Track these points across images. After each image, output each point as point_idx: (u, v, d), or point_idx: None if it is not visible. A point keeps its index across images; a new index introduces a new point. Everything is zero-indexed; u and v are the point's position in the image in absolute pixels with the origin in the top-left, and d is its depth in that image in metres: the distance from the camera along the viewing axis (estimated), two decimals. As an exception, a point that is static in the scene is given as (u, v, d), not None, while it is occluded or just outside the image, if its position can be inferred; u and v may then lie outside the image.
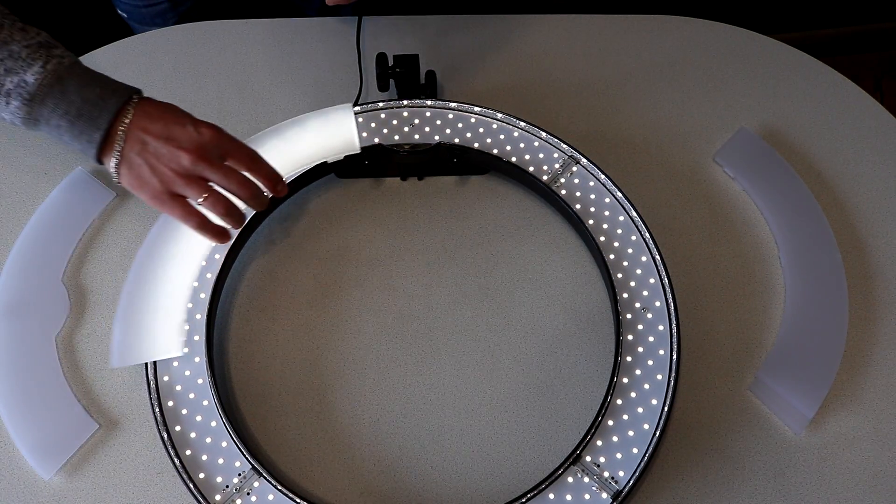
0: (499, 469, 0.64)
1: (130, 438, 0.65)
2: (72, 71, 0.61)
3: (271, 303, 0.71)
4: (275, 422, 0.66)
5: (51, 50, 0.62)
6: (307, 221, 0.75)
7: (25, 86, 0.60)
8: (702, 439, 0.65)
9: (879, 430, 0.65)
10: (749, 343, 0.69)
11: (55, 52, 0.62)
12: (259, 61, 0.85)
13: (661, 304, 0.67)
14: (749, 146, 0.79)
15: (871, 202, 0.77)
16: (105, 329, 0.69)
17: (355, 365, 0.68)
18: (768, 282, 0.72)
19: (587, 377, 0.67)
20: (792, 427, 0.65)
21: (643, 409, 0.63)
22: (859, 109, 0.83)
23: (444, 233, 0.75)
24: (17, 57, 0.60)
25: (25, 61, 0.60)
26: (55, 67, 0.61)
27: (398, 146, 0.75)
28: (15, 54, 0.60)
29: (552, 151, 0.75)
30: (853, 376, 0.67)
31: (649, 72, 0.85)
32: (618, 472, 0.60)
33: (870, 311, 0.71)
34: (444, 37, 0.87)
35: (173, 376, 0.64)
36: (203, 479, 0.60)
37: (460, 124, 0.77)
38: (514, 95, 0.83)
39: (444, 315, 0.70)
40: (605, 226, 0.71)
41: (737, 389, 0.67)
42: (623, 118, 0.82)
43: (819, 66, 0.86)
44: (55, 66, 0.61)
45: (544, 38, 0.88)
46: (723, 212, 0.76)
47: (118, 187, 0.71)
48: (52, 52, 0.62)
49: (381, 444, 0.65)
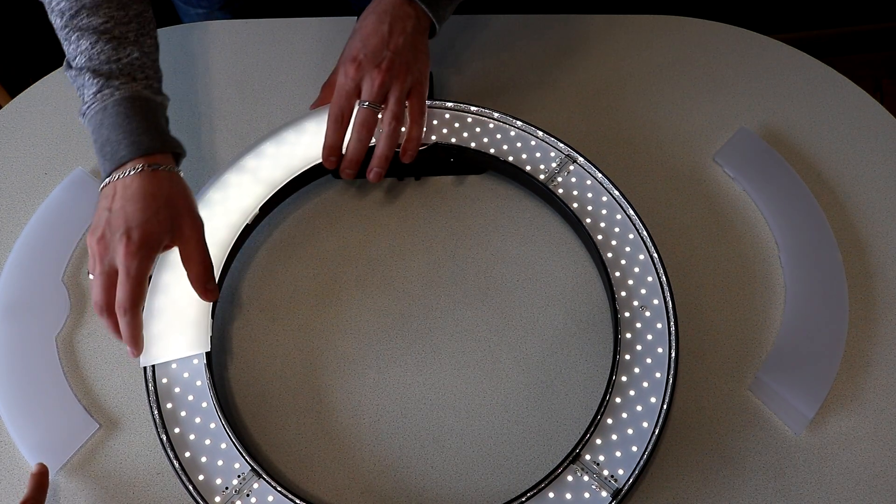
0: (499, 468, 0.64)
1: (130, 440, 0.65)
2: (114, 107, 0.63)
3: (271, 303, 0.71)
4: (274, 422, 0.66)
5: (111, 80, 0.64)
6: (307, 221, 0.76)
7: (83, 98, 0.65)
8: (701, 439, 0.65)
9: (879, 430, 0.65)
10: (749, 343, 0.69)
11: (113, 83, 0.64)
12: (259, 61, 0.85)
13: (660, 302, 0.67)
14: (749, 146, 0.79)
15: (871, 202, 0.77)
16: (105, 329, 0.69)
17: (355, 365, 0.68)
18: (768, 282, 0.72)
19: (586, 376, 0.67)
20: (792, 427, 0.65)
21: (642, 407, 0.63)
22: (859, 109, 0.83)
23: (442, 232, 0.75)
24: (93, 71, 0.64)
25: (92, 79, 0.64)
26: (102, 99, 0.63)
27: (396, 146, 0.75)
28: (94, 67, 0.64)
29: (549, 150, 0.75)
30: (853, 376, 0.67)
31: (649, 72, 0.85)
32: (617, 470, 0.60)
33: (870, 311, 0.71)
34: (442, 37, 0.87)
35: (172, 378, 0.64)
36: (202, 480, 0.60)
37: (457, 124, 0.77)
38: (513, 95, 0.83)
39: (444, 314, 0.70)
40: (602, 224, 0.71)
41: (737, 389, 0.67)
42: (623, 118, 0.82)
43: (819, 66, 0.86)
44: (103, 97, 0.63)
45: (544, 38, 0.88)
46: (722, 212, 0.76)
47: None
48: (111, 82, 0.64)
49: (381, 444, 0.65)
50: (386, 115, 0.71)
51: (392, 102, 0.71)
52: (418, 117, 0.72)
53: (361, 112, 0.70)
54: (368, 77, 0.70)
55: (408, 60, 0.71)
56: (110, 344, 0.69)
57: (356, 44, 0.71)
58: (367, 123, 0.70)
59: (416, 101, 0.72)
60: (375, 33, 0.70)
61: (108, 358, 0.68)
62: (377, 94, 0.70)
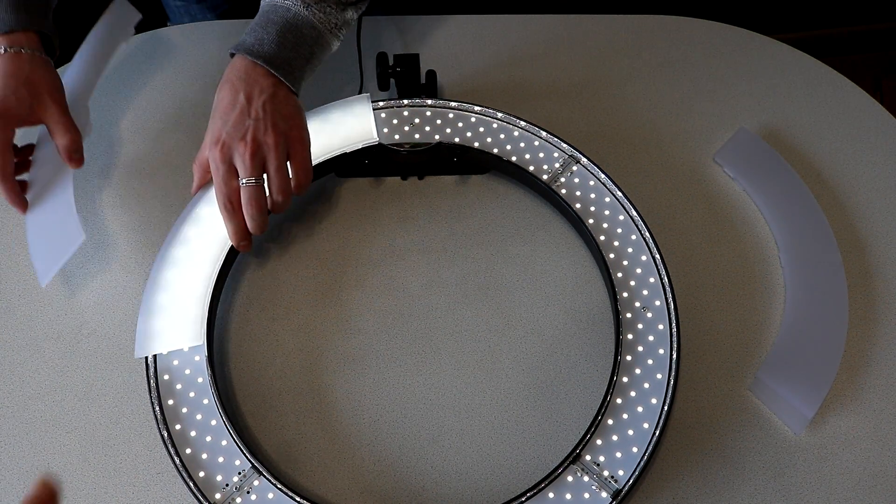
0: (499, 468, 0.64)
1: (131, 437, 0.65)
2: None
3: (271, 303, 0.71)
4: (275, 421, 0.66)
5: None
6: (307, 221, 0.76)
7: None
8: (701, 439, 0.65)
9: (879, 430, 0.65)
10: (749, 343, 0.69)
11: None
12: (259, 61, 0.85)
13: (661, 303, 0.67)
14: (749, 146, 0.79)
15: (871, 202, 0.77)
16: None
17: (355, 365, 0.68)
18: (768, 282, 0.72)
19: (587, 376, 0.67)
20: (792, 427, 0.65)
21: (643, 408, 0.63)
22: (859, 109, 0.83)
23: (445, 232, 0.75)
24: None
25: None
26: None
27: (398, 145, 0.75)
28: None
29: (552, 151, 0.75)
30: (853, 376, 0.67)
31: (649, 72, 0.85)
32: (617, 471, 0.60)
33: (870, 311, 0.71)
34: (444, 37, 0.87)
35: (173, 375, 0.64)
36: (203, 477, 0.60)
37: (460, 124, 0.77)
38: (515, 95, 0.83)
39: (444, 314, 0.70)
40: (605, 225, 0.72)
41: (737, 389, 0.67)
42: (623, 118, 0.82)
43: (819, 66, 0.86)
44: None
45: (544, 38, 0.88)
46: (723, 212, 0.76)
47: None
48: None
49: (381, 443, 0.65)
50: (273, 190, 0.66)
51: (272, 173, 0.66)
52: (303, 178, 0.68)
53: (246, 191, 0.65)
54: (237, 154, 0.65)
55: (274, 122, 0.66)
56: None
57: (217, 123, 0.66)
58: (255, 200, 0.65)
59: (297, 161, 0.67)
60: (233, 106, 0.66)
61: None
62: (252, 168, 0.65)
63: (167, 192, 0.77)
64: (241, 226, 0.66)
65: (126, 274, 0.73)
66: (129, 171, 0.79)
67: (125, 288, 0.72)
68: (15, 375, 0.68)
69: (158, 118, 0.82)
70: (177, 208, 0.72)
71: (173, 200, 0.76)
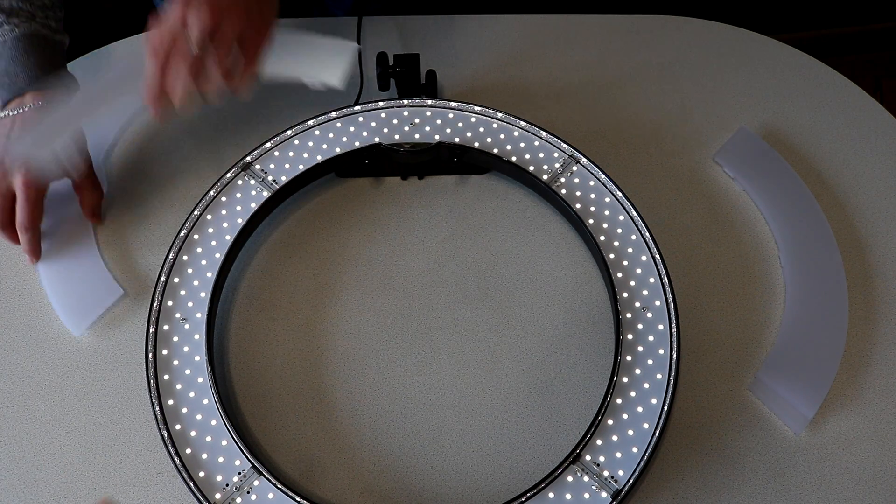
0: (499, 468, 0.64)
1: (131, 437, 0.65)
2: (14, 42, 0.70)
3: (271, 303, 0.71)
4: (275, 421, 0.66)
5: (10, 17, 0.70)
6: (307, 221, 0.76)
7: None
8: (701, 439, 0.65)
9: (879, 430, 0.65)
10: (749, 343, 0.69)
11: (13, 20, 0.70)
12: (259, 61, 0.85)
13: (661, 303, 0.67)
14: (749, 146, 0.79)
15: (871, 202, 0.77)
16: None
17: (355, 365, 0.68)
18: (768, 282, 0.72)
19: (587, 376, 0.67)
20: (792, 427, 0.65)
21: (643, 408, 0.63)
22: (859, 109, 0.83)
23: (445, 232, 0.75)
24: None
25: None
26: (2, 35, 0.70)
27: (398, 145, 0.75)
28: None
29: (552, 151, 0.75)
30: (853, 376, 0.67)
31: (649, 72, 0.85)
32: (617, 471, 0.60)
33: (870, 311, 0.71)
34: (444, 37, 0.87)
35: (173, 375, 0.64)
36: (203, 477, 0.60)
37: (461, 124, 0.77)
38: (515, 95, 0.83)
39: (444, 315, 0.70)
40: (605, 225, 0.72)
41: (736, 389, 0.67)
42: (623, 118, 0.82)
43: (819, 66, 0.86)
44: (2, 32, 0.70)
45: (544, 38, 0.88)
46: (723, 212, 0.76)
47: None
48: (11, 19, 0.70)
49: (381, 443, 0.65)
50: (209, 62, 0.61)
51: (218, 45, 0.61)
52: (250, 66, 0.63)
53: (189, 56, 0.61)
54: (196, 14, 0.60)
55: (248, 7, 0.62)
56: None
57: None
58: (192, 67, 0.61)
59: (250, 50, 0.63)
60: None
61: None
62: (202, 36, 0.60)
63: (167, 192, 0.77)
64: (161, 85, 0.62)
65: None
66: (122, 172, 0.79)
67: (125, 288, 0.72)
68: (15, 375, 0.68)
69: (152, 120, 0.82)
70: (177, 208, 0.72)
71: (173, 201, 0.76)
